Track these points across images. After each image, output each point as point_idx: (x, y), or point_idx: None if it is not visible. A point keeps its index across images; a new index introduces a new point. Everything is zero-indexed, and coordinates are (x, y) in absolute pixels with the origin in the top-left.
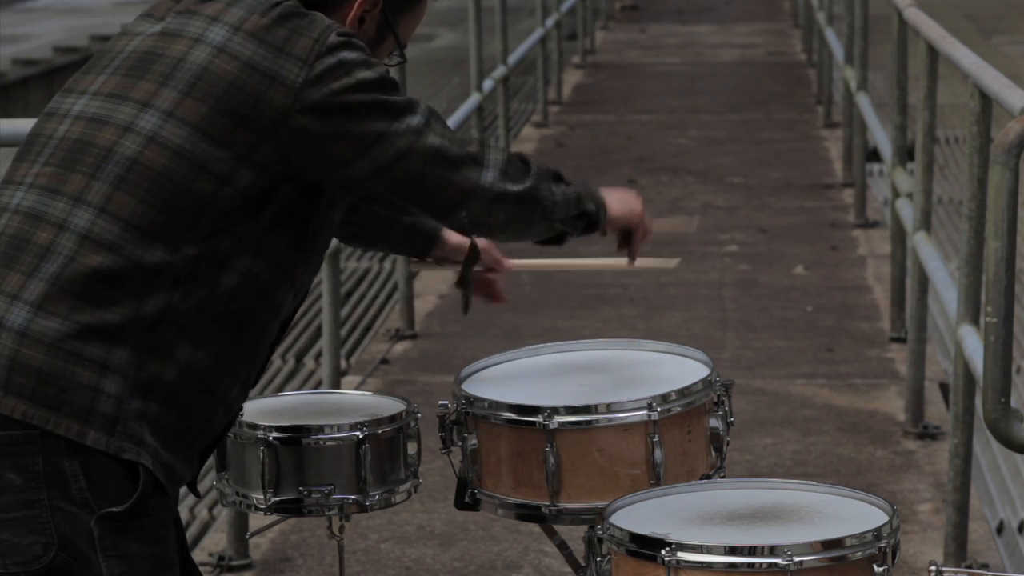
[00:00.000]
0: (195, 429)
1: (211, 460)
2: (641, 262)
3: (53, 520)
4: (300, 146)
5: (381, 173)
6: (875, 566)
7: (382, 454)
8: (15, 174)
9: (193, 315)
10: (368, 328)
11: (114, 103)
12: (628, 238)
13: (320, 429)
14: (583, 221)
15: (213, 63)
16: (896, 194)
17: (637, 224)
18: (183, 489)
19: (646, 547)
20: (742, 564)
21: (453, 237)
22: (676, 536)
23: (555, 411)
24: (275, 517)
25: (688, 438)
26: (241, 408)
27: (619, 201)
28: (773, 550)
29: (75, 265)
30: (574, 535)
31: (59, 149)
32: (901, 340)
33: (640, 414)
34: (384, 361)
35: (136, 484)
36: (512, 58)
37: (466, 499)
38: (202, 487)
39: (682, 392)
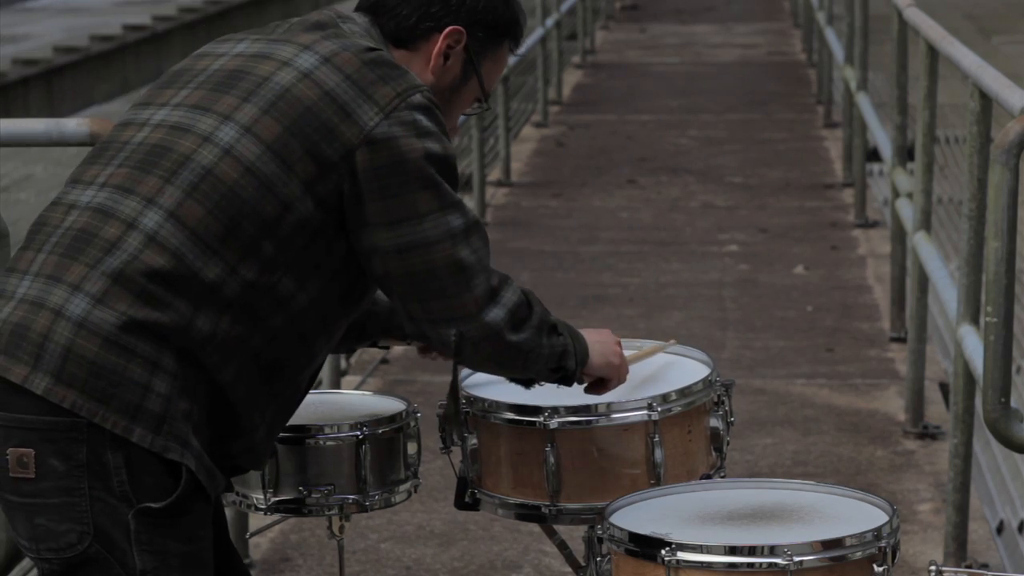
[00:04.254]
0: (218, 453)
1: None
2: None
3: (91, 510)
4: (349, 187)
5: (400, 253)
6: (875, 566)
7: (382, 454)
8: (85, 175)
9: (237, 345)
10: None
11: (197, 114)
12: (601, 382)
13: (320, 429)
14: (558, 374)
15: (296, 86)
16: (896, 194)
17: (613, 376)
18: None
19: (646, 547)
20: (742, 564)
21: None
22: (676, 536)
23: (555, 411)
24: (275, 517)
25: (688, 438)
26: (269, 455)
27: (600, 354)
28: (773, 550)
29: (137, 264)
30: (574, 535)
31: (136, 153)
32: (901, 340)
33: (640, 414)
34: (384, 361)
35: (177, 481)
36: (511, 58)
37: (466, 499)
38: None
39: (682, 392)
